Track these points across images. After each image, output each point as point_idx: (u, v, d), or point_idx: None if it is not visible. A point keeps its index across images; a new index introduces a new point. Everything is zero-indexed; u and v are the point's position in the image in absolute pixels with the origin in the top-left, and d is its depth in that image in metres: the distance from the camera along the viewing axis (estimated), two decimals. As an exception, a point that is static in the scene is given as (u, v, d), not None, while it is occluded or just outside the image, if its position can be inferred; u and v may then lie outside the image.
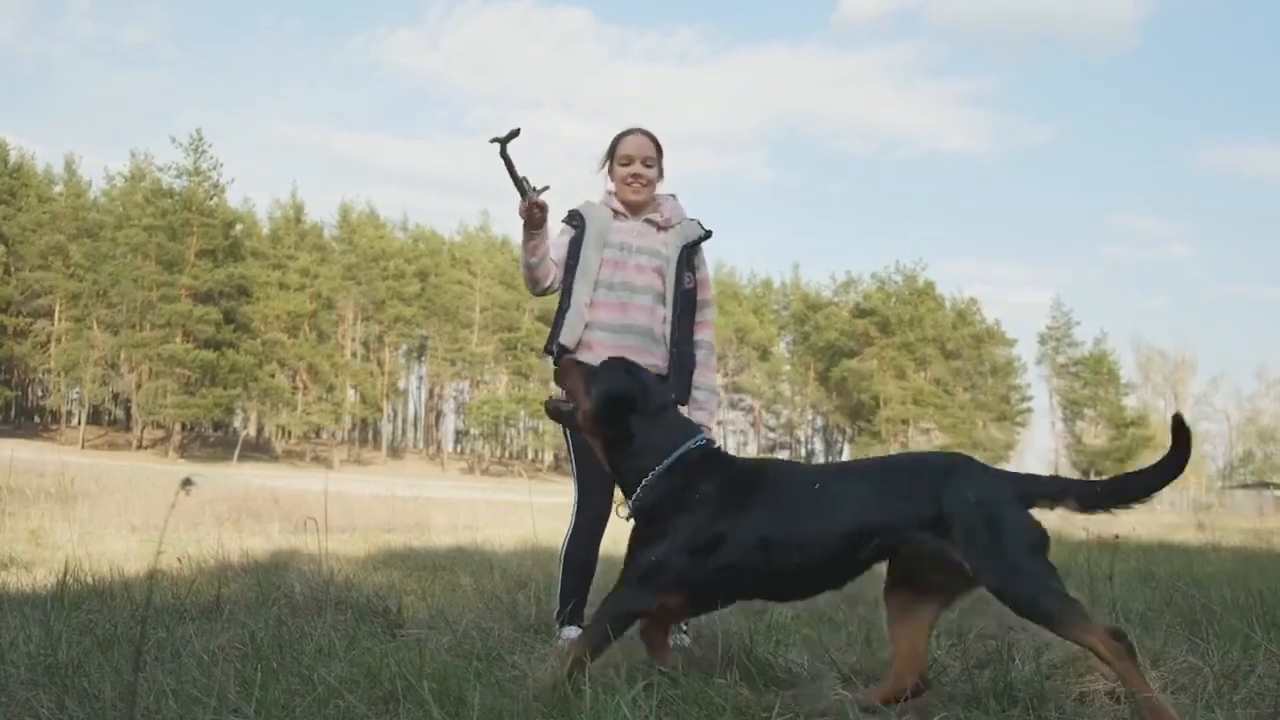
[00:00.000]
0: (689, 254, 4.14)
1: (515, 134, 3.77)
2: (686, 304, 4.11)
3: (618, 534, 3.98)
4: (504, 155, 3.79)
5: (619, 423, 3.07)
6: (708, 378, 4.18)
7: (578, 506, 4.03)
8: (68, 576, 4.77)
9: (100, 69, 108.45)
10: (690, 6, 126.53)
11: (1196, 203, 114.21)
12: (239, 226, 67.87)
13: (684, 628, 3.86)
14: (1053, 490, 2.78)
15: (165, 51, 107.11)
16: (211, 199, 63.92)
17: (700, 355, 4.17)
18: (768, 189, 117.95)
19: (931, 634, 2.95)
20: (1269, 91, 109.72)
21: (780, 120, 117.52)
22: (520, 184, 3.89)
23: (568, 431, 3.88)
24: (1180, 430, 2.80)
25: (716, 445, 3.16)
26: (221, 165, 64.31)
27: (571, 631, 3.93)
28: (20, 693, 2.66)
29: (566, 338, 4.05)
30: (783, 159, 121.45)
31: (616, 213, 4.18)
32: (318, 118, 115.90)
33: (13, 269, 63.36)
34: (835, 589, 2.98)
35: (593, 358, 4.04)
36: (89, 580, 5.00)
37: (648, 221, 4.17)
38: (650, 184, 4.16)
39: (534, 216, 3.98)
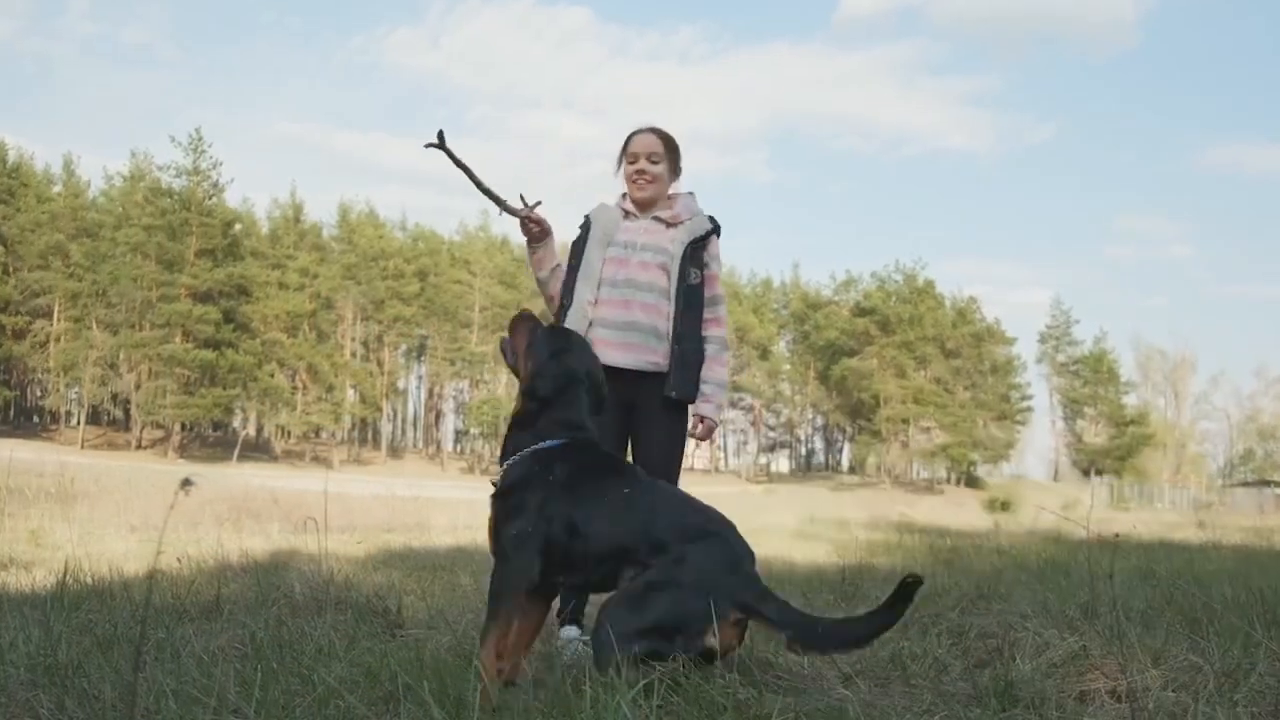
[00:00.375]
0: (694, 249, 4.11)
1: (441, 136, 3.70)
2: (691, 299, 4.08)
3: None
4: (454, 160, 3.72)
5: (539, 389, 3.20)
6: (716, 372, 4.17)
7: None
8: (67, 577, 4.77)
9: (100, 68, 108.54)
10: (691, 5, 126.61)
11: (1198, 203, 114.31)
12: (238, 226, 67.83)
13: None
14: (774, 617, 2.86)
15: (165, 51, 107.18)
16: (210, 198, 63.86)
17: (711, 350, 4.15)
18: (768, 188, 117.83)
19: None
20: (1270, 91, 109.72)
21: (781, 119, 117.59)
22: (489, 192, 3.83)
23: None
24: (904, 595, 2.81)
25: (590, 439, 3.22)
26: (221, 164, 64.28)
27: (571, 631, 3.94)
28: (20, 693, 2.66)
29: None
30: (783, 158, 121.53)
31: (627, 213, 4.18)
32: (318, 117, 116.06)
33: (11, 269, 63.34)
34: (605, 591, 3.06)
35: (599, 355, 4.04)
36: (88, 580, 5.00)
37: (656, 219, 4.16)
38: (656, 180, 4.14)
39: (531, 231, 4.01)
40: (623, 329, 4.03)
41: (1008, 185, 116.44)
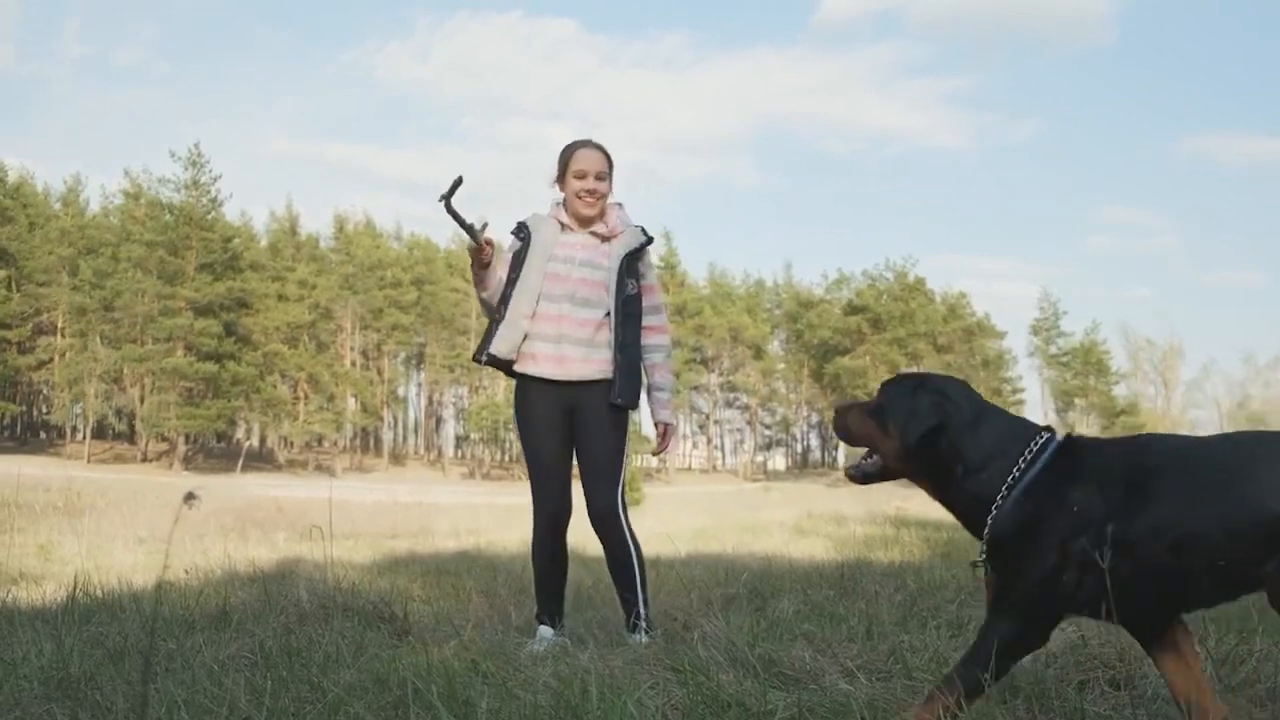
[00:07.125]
0: (630, 261, 4.17)
1: (458, 184, 3.85)
2: (630, 310, 4.15)
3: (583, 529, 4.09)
4: (450, 211, 3.87)
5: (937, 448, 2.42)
6: (664, 376, 4.29)
7: (536, 508, 4.11)
8: (77, 590, 4.81)
9: (94, 88, 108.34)
10: (675, 14, 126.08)
11: (1179, 193, 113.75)
12: (236, 240, 67.85)
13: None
14: None
15: (157, 69, 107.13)
16: (210, 214, 63.92)
17: (656, 357, 4.25)
18: (756, 191, 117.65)
19: None
20: (1244, 81, 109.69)
21: (767, 123, 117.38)
22: (469, 230, 3.96)
23: (520, 430, 4.16)
24: None
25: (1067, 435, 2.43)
26: (220, 178, 64.35)
27: (546, 631, 4.02)
28: (34, 706, 2.69)
29: (500, 348, 4.09)
30: (770, 161, 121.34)
31: (564, 225, 4.19)
32: (311, 130, 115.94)
33: (16, 286, 63.32)
34: None
35: (535, 367, 4.09)
36: (98, 593, 5.03)
37: (593, 234, 4.18)
38: (602, 198, 4.17)
39: (485, 256, 4.05)
40: (557, 341, 4.08)
41: (991, 182, 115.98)
